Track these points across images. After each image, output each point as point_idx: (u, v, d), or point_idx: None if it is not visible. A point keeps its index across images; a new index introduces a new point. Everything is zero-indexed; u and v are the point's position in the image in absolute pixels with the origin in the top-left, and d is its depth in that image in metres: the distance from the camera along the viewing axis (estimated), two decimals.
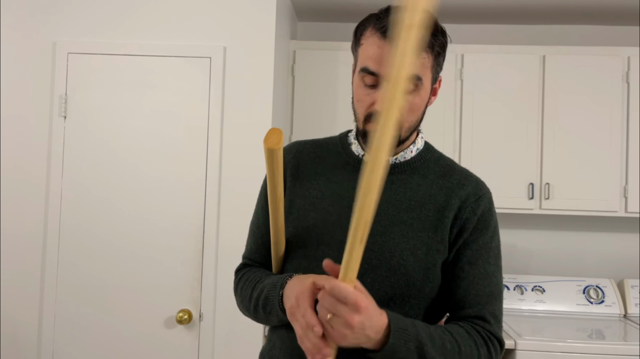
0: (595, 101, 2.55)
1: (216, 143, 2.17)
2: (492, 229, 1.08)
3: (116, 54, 2.20)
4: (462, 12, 2.77)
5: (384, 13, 0.99)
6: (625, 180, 2.53)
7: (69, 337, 2.17)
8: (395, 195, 1.06)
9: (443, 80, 1.13)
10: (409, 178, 1.08)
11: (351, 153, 1.11)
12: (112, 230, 2.18)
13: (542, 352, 2.12)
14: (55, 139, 2.19)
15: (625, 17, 2.75)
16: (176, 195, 2.18)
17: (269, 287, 1.01)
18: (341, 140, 1.15)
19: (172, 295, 2.15)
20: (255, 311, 1.06)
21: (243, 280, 1.13)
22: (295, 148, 1.16)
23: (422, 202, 1.05)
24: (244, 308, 1.11)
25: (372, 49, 0.98)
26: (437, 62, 1.01)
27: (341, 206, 1.05)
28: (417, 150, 1.11)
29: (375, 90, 0.99)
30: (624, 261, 2.83)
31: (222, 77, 2.18)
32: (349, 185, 1.06)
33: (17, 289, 2.18)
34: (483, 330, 1.01)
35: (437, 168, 1.11)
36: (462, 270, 1.04)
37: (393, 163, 1.08)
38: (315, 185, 1.09)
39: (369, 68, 0.98)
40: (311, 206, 1.08)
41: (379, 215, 1.02)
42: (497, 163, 2.56)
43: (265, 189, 1.14)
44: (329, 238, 1.04)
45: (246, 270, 1.16)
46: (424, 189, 1.07)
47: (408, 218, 1.04)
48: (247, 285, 1.10)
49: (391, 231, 1.03)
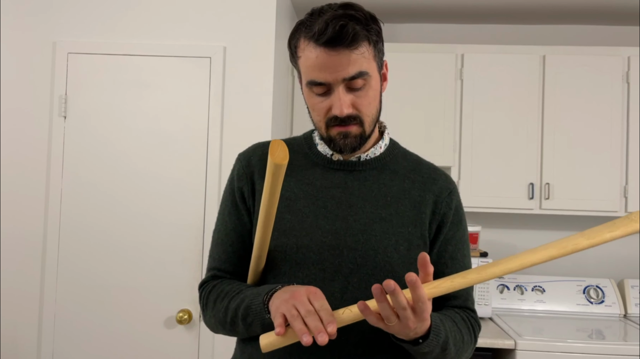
0: (595, 101, 2.55)
1: (216, 143, 2.17)
2: (464, 222, 1.12)
3: (116, 54, 2.20)
4: (462, 12, 2.77)
5: (310, 19, 0.97)
6: (625, 180, 2.53)
7: (69, 337, 2.17)
8: (369, 192, 1.06)
9: (443, 80, 1.13)
10: (380, 174, 1.08)
11: (319, 154, 1.10)
12: (112, 230, 2.18)
13: (542, 352, 2.12)
14: (55, 139, 2.19)
15: (625, 17, 2.75)
16: (176, 195, 2.18)
17: (250, 297, 0.97)
18: (306, 140, 1.13)
19: (172, 295, 2.15)
20: (232, 324, 1.01)
21: (215, 293, 1.06)
22: (261, 150, 1.12)
23: (397, 197, 1.06)
24: (217, 321, 1.05)
25: (310, 59, 0.96)
26: (377, 49, 1.00)
27: (317, 206, 1.04)
28: (385, 145, 1.11)
29: (327, 95, 0.98)
30: (624, 261, 2.83)
31: (222, 77, 2.18)
32: (322, 185, 1.06)
33: (17, 289, 2.18)
34: (471, 318, 1.08)
35: (405, 162, 1.12)
36: (446, 266, 1.06)
37: (364, 160, 1.08)
38: (287, 186, 1.06)
39: (315, 81, 0.97)
40: (286, 209, 1.05)
41: (357, 213, 1.03)
42: (497, 163, 2.56)
43: (230, 195, 1.11)
44: (308, 241, 1.02)
45: (216, 283, 1.09)
46: (397, 184, 1.07)
47: (387, 214, 1.04)
48: (222, 297, 1.04)
49: (372, 229, 1.02)
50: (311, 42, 0.95)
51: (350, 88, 0.97)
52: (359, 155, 1.07)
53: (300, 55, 0.99)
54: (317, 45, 0.94)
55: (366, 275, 1.01)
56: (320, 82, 0.97)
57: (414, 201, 1.06)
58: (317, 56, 0.95)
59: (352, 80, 0.96)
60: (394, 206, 1.05)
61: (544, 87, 2.57)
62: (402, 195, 1.06)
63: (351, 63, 0.94)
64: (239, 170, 1.11)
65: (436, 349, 0.92)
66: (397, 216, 1.04)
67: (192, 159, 2.18)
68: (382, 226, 1.03)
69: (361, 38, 0.95)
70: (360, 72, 0.96)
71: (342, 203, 1.04)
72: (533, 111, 2.56)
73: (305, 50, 0.97)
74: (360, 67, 0.96)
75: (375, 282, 1.00)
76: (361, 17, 0.95)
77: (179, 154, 2.18)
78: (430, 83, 2.59)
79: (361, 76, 0.96)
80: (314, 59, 0.95)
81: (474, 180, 2.55)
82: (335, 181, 1.06)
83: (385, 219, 1.03)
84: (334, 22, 0.92)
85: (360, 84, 0.97)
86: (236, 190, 1.10)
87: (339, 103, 0.96)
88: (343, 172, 1.07)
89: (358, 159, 1.07)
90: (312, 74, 0.97)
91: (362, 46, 0.95)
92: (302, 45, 0.98)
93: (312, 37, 0.95)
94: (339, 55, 0.94)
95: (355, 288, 0.99)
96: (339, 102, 0.96)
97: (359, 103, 0.98)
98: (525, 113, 2.56)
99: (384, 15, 2.86)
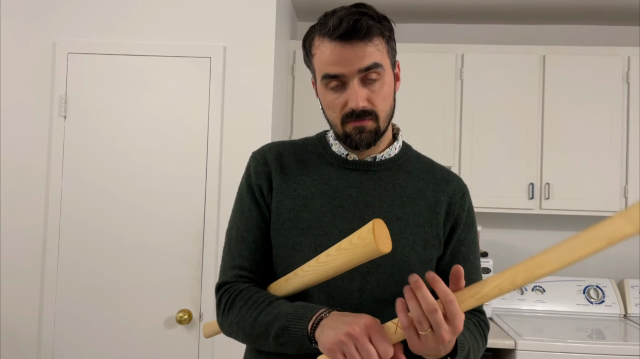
0: (595, 101, 2.55)
1: (216, 143, 2.17)
2: (476, 224, 1.14)
3: (116, 54, 2.20)
4: (462, 12, 2.77)
5: (324, 18, 0.99)
6: (625, 180, 2.53)
7: (69, 337, 2.17)
8: (385, 192, 1.06)
9: (443, 80, 1.14)
10: (395, 175, 1.08)
11: (333, 154, 1.09)
12: (111, 230, 2.18)
13: (542, 352, 2.12)
14: (55, 139, 2.19)
15: (625, 17, 2.75)
16: (176, 194, 2.17)
17: (288, 318, 0.92)
18: (320, 140, 1.13)
19: (172, 295, 2.15)
20: (259, 337, 0.97)
21: (242, 298, 1.01)
22: (276, 149, 1.12)
23: (413, 198, 1.06)
24: (240, 329, 1.00)
25: (325, 55, 0.98)
26: (390, 46, 1.02)
27: (333, 205, 1.04)
28: (399, 147, 1.12)
29: (342, 91, 0.99)
30: (624, 261, 2.83)
31: (222, 77, 2.18)
32: (337, 184, 1.06)
33: (17, 289, 2.18)
34: (481, 321, 1.10)
35: (419, 164, 1.12)
36: None
37: (379, 160, 1.08)
38: (303, 185, 1.06)
39: (329, 74, 0.98)
40: (302, 207, 1.04)
41: (373, 213, 1.03)
42: (497, 163, 2.56)
43: (249, 191, 1.09)
44: (326, 240, 1.01)
45: (242, 287, 1.04)
46: (412, 185, 1.08)
47: (403, 214, 1.04)
48: (250, 306, 0.99)
49: (389, 228, 1.01)
50: (326, 38, 0.97)
51: (364, 82, 0.98)
52: (374, 156, 1.08)
53: (314, 52, 1.01)
54: (331, 40, 0.96)
55: (384, 274, 1.01)
56: (335, 74, 0.97)
57: (429, 201, 1.07)
58: (332, 50, 0.97)
59: (367, 72, 0.97)
60: (409, 206, 1.05)
61: (544, 87, 2.57)
62: (417, 196, 1.07)
63: (366, 55, 0.96)
64: (257, 168, 1.10)
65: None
66: (413, 216, 1.04)
67: (192, 159, 2.18)
68: (399, 225, 1.03)
69: (375, 32, 0.97)
70: (375, 63, 0.97)
71: (358, 203, 1.04)
72: (533, 111, 2.56)
73: (320, 47, 0.99)
74: (375, 59, 0.97)
75: (393, 282, 1.00)
76: (374, 15, 0.98)
77: (179, 154, 2.18)
78: (430, 83, 2.59)
79: (375, 67, 0.97)
80: (329, 53, 0.97)
81: (474, 180, 2.55)
82: (351, 181, 1.06)
83: (402, 219, 1.04)
84: (348, 18, 0.94)
85: (374, 77, 0.98)
86: (254, 187, 1.08)
87: (355, 96, 0.97)
88: (358, 172, 1.07)
89: (373, 159, 1.08)
90: (327, 68, 0.98)
91: (376, 39, 0.97)
92: (316, 43, 1.00)
93: (327, 33, 0.97)
94: (353, 47, 0.96)
95: (373, 287, 0.99)
96: (354, 95, 0.97)
97: (374, 98, 0.99)
98: (525, 113, 2.56)
99: None
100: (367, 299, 0.99)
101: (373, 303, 1.00)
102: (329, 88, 1.00)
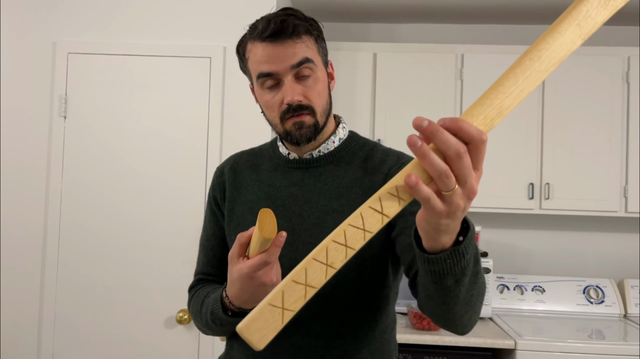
0: (595, 101, 2.55)
1: (216, 143, 2.17)
2: None
3: (116, 54, 2.20)
4: (462, 12, 2.77)
5: (254, 24, 1.04)
6: (625, 180, 2.53)
7: (69, 337, 2.17)
8: (324, 186, 1.08)
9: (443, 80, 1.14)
10: (336, 168, 1.10)
11: (280, 155, 1.14)
12: (112, 230, 2.18)
13: (542, 352, 2.13)
14: (55, 139, 2.19)
15: (625, 17, 2.76)
16: (176, 195, 2.18)
17: (212, 301, 1.01)
18: (272, 144, 1.19)
19: (172, 294, 2.15)
20: (208, 327, 1.06)
21: (194, 298, 1.13)
22: (233, 159, 1.20)
23: (349, 187, 1.07)
24: (202, 325, 1.10)
25: (258, 55, 1.02)
26: (320, 45, 1.06)
27: (276, 206, 1.08)
28: (339, 140, 1.13)
29: (277, 89, 1.03)
30: (624, 261, 2.83)
31: (222, 77, 2.18)
32: (281, 185, 1.10)
33: (17, 289, 2.18)
34: None
35: (361, 153, 1.13)
36: (411, 224, 0.98)
37: (318, 156, 1.10)
38: (251, 190, 1.13)
39: (263, 72, 1.02)
40: (249, 211, 1.11)
41: (312, 207, 1.06)
42: (497, 163, 2.56)
43: (208, 204, 1.20)
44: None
45: (198, 287, 1.16)
46: (350, 175, 1.09)
47: (339, 205, 1.06)
48: (197, 303, 1.10)
49: (325, 221, 1.05)
50: (257, 40, 1.02)
51: (298, 78, 1.02)
52: (311, 152, 1.10)
53: (248, 56, 1.05)
54: (262, 41, 1.01)
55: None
56: (268, 72, 1.01)
57: (365, 188, 1.07)
58: (264, 49, 1.01)
59: (299, 68, 1.01)
60: (345, 197, 1.06)
61: (544, 87, 2.57)
62: (354, 184, 1.07)
63: (296, 51, 1.00)
64: (214, 180, 1.20)
65: (472, 251, 0.71)
66: (348, 206, 1.05)
67: (192, 159, 2.18)
68: (334, 217, 1.04)
69: (302, 30, 1.01)
70: (306, 57, 1.01)
71: (298, 200, 1.08)
72: (533, 111, 2.56)
73: (252, 50, 1.03)
74: (305, 54, 1.01)
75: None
76: (301, 16, 1.03)
77: (178, 154, 2.18)
78: (430, 83, 2.59)
79: (307, 62, 1.01)
80: (261, 53, 1.01)
81: None
82: (294, 179, 1.10)
83: (337, 210, 1.05)
84: (276, 19, 1.00)
85: (307, 72, 1.02)
86: (212, 199, 1.19)
87: (290, 91, 1.01)
88: (300, 169, 1.11)
89: (311, 156, 1.10)
90: (260, 67, 1.02)
91: (305, 37, 1.02)
92: (249, 47, 1.04)
93: (257, 35, 1.01)
94: (283, 45, 1.00)
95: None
96: (289, 90, 1.01)
97: (309, 93, 1.02)
98: (525, 113, 2.56)
99: (383, 16, 2.87)
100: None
101: (318, 297, 0.98)
102: (265, 88, 1.04)
